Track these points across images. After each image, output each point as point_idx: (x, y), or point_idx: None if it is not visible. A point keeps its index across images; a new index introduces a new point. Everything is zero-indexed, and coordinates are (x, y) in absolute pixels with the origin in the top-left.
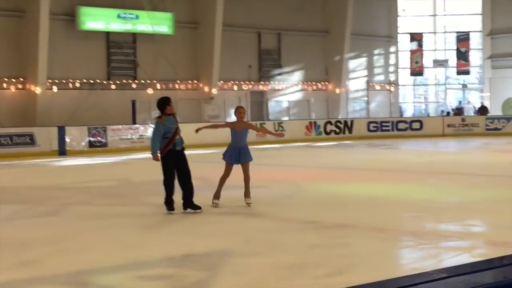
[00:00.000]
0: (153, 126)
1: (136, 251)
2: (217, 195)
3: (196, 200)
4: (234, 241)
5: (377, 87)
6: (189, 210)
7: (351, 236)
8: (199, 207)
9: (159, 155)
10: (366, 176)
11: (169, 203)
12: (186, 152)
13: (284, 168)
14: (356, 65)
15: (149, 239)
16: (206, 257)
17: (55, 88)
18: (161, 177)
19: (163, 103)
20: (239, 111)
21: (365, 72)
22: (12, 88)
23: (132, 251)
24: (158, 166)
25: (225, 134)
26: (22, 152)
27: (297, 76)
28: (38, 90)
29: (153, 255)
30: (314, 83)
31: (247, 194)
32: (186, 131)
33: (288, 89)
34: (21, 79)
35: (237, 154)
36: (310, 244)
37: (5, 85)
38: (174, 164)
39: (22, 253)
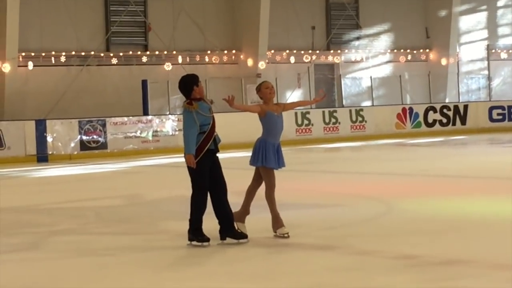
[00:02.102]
0: (174, 117)
1: None
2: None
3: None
4: (295, 286)
5: (504, 56)
6: (229, 240)
7: (465, 277)
8: (244, 236)
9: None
10: (488, 189)
11: (198, 231)
12: None
13: (365, 177)
14: (472, 24)
15: (169, 283)
16: None
17: (30, 65)
18: (185, 191)
19: (189, 83)
20: (265, 86)
21: (485, 34)
22: None
23: None
24: (181, 176)
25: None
26: None
27: (384, 41)
28: (6, 67)
29: None
30: (408, 51)
31: (278, 220)
32: (222, 124)
33: (370, 61)
34: None
35: (276, 154)
36: None
37: None
38: (209, 172)
39: None
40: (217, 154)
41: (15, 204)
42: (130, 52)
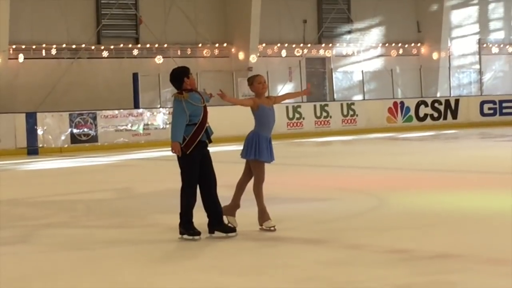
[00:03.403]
0: (165, 110)
1: None
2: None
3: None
4: (285, 280)
5: (495, 50)
6: (218, 233)
7: (457, 271)
8: (233, 229)
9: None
10: (479, 183)
11: (189, 224)
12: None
13: (357, 171)
14: (464, 18)
15: (160, 277)
16: None
17: (21, 57)
18: (176, 184)
19: (180, 75)
20: (258, 81)
21: (476, 28)
22: None
23: None
24: (172, 170)
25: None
26: None
27: (375, 35)
28: None
29: None
30: (400, 45)
31: (264, 213)
32: (213, 118)
33: (361, 55)
34: None
35: (268, 148)
36: (397, 283)
37: None
38: (199, 164)
39: None
40: (208, 147)
41: (6, 197)
42: (121, 45)
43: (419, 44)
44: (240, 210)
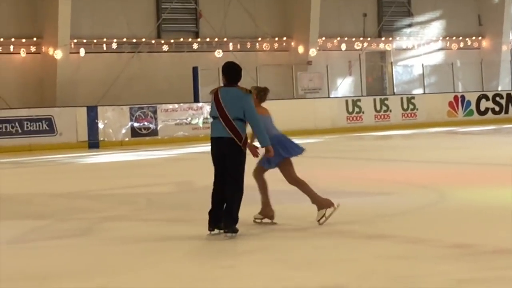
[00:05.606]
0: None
1: None
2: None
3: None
4: (347, 275)
5: None
6: (217, 230)
7: None
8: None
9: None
10: None
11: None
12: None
13: (417, 165)
14: None
15: (223, 271)
16: None
17: (82, 51)
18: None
19: (239, 71)
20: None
21: None
22: (22, 52)
23: None
24: None
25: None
26: (36, 144)
27: (436, 28)
28: (58, 54)
29: None
30: (461, 38)
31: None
32: (273, 112)
33: (421, 48)
34: (35, 38)
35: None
36: (460, 278)
37: (12, 47)
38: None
39: None
40: None
41: (67, 190)
42: (181, 39)
43: (480, 38)
44: (294, 204)
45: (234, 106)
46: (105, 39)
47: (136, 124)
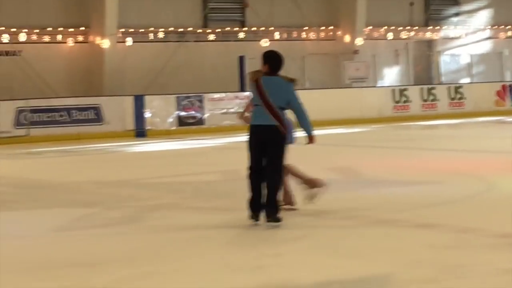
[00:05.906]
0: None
1: (254, 276)
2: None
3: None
4: (393, 264)
5: None
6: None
7: None
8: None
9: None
10: None
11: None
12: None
13: (465, 154)
14: None
15: (270, 259)
16: (358, 285)
17: (129, 41)
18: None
19: (282, 60)
20: None
21: None
22: (70, 42)
23: (248, 276)
24: None
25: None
26: (84, 133)
27: (483, 17)
28: (105, 43)
29: (279, 283)
30: (509, 27)
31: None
32: (319, 101)
33: (469, 37)
34: (82, 28)
35: None
36: (507, 268)
37: (59, 37)
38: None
39: (90, 278)
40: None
41: (114, 179)
42: (227, 28)
43: None
44: (339, 194)
45: (277, 94)
46: (152, 29)
47: (182, 113)
